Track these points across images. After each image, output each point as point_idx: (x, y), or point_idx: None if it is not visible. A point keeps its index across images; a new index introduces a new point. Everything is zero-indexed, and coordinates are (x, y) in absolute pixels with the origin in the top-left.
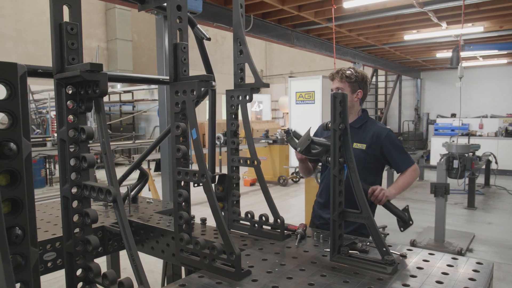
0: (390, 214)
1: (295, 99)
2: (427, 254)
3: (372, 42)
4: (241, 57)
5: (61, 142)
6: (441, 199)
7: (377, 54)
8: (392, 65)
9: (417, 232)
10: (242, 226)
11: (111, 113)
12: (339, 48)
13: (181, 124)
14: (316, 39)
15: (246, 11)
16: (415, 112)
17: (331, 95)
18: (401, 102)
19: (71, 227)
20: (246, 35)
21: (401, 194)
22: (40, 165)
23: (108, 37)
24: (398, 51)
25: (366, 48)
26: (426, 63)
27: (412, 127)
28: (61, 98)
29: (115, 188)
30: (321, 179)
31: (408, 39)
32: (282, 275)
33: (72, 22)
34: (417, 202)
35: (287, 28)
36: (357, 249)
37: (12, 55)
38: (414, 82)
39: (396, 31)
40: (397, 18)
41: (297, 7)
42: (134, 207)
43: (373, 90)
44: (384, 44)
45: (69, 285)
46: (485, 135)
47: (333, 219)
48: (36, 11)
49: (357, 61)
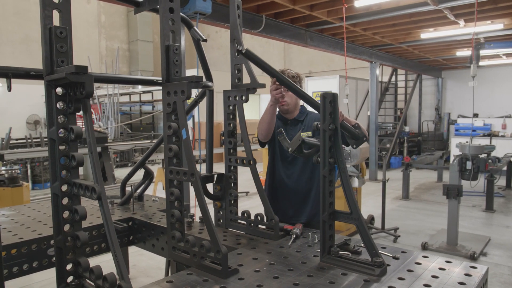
0: (403, 216)
1: None
2: (421, 257)
3: (388, 41)
4: (238, 57)
5: (51, 142)
6: (454, 201)
7: (394, 53)
8: (412, 64)
9: (430, 235)
10: (239, 225)
11: (132, 113)
12: (354, 47)
13: (172, 124)
14: (331, 39)
15: (257, 12)
16: (435, 112)
17: (321, 95)
18: (421, 101)
19: (60, 223)
20: (258, 35)
21: (418, 196)
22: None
23: (129, 39)
24: (416, 50)
25: (383, 47)
26: (447, 62)
27: (432, 127)
28: (51, 99)
29: (99, 186)
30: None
31: (425, 37)
32: (270, 274)
33: (61, 26)
34: (433, 204)
35: (300, 28)
36: (349, 250)
37: (38, 57)
38: (435, 81)
39: (412, 30)
40: (412, 16)
41: (309, 7)
42: (140, 205)
43: (392, 89)
44: (401, 43)
45: (59, 278)
46: (508, 136)
47: (323, 219)
48: None
49: (374, 60)
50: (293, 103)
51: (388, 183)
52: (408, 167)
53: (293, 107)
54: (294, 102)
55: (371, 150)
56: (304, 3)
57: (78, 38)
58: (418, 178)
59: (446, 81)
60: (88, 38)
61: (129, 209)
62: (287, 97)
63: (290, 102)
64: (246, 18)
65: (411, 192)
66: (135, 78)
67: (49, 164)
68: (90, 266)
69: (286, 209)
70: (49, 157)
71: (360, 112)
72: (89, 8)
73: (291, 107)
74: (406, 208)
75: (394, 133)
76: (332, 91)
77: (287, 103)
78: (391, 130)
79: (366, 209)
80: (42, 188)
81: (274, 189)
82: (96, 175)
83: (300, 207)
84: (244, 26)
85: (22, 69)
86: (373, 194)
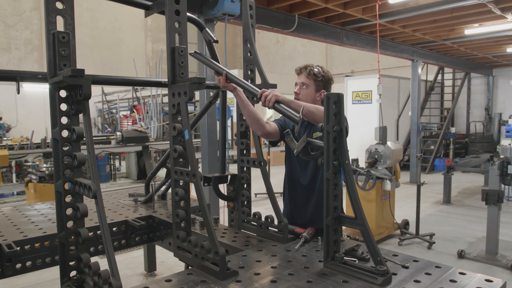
0: (441, 221)
1: (351, 98)
2: (434, 268)
3: (430, 38)
4: (250, 58)
5: (55, 142)
6: (494, 208)
7: (439, 50)
8: (458, 62)
9: (469, 242)
10: (251, 226)
11: None
12: (394, 45)
13: (177, 125)
14: (368, 37)
15: (290, 11)
16: (485, 112)
17: (324, 95)
18: (470, 101)
19: (64, 220)
20: (291, 35)
21: (460, 201)
22: (105, 162)
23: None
24: (462, 47)
25: (426, 44)
26: (498, 59)
27: (482, 129)
28: (55, 101)
29: (95, 185)
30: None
31: (469, 33)
32: (268, 278)
33: (64, 31)
34: (476, 210)
35: (335, 27)
36: (357, 256)
37: (88, 60)
38: (485, 79)
39: (455, 26)
40: (454, 12)
41: (342, 5)
42: (163, 203)
43: (438, 89)
44: (445, 39)
45: (62, 273)
46: None
47: (327, 224)
48: (110, 18)
49: (416, 58)
50: (308, 102)
51: (430, 186)
52: (449, 170)
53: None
54: (309, 100)
55: (412, 152)
56: (337, 1)
57: (125, 41)
58: (464, 181)
59: (497, 79)
60: (135, 41)
61: (151, 207)
62: (302, 94)
63: (303, 98)
64: (279, 18)
65: (453, 197)
66: (141, 79)
67: (53, 163)
68: (90, 263)
69: (304, 211)
70: (53, 156)
71: (402, 112)
72: (136, 12)
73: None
74: (446, 213)
75: (439, 134)
76: (372, 91)
77: (300, 98)
78: (436, 131)
79: (403, 213)
80: None
81: (291, 190)
82: (93, 174)
83: (318, 210)
84: (276, 26)
85: (29, 73)
86: (412, 197)
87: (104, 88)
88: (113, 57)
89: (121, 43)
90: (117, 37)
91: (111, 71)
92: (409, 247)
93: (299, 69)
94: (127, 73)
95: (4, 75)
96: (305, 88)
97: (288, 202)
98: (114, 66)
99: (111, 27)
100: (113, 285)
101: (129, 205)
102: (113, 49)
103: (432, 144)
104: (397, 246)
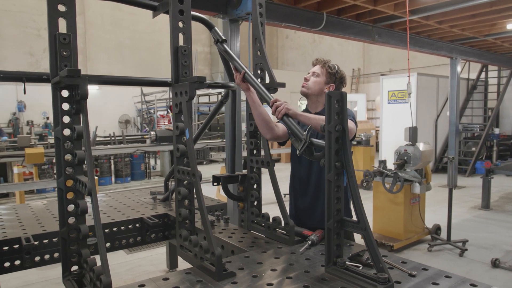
0: (477, 227)
1: (387, 98)
2: (443, 277)
3: (470, 34)
4: (259, 56)
5: (56, 140)
6: None
7: (480, 47)
8: (503, 59)
9: (506, 251)
10: (260, 227)
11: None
12: (431, 42)
13: (179, 124)
14: (402, 34)
15: (318, 9)
16: None
17: (326, 94)
18: None
19: (65, 216)
20: (319, 33)
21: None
22: (141, 160)
23: (211, 42)
24: (506, 43)
25: (465, 40)
26: None
27: None
28: (56, 100)
29: (91, 182)
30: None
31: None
32: (265, 281)
33: (65, 33)
34: None
35: (366, 24)
36: (361, 262)
37: (129, 62)
38: None
39: (496, 20)
40: (493, 5)
41: (372, 1)
42: None
43: (481, 87)
44: (486, 35)
45: (64, 267)
46: None
47: (328, 227)
48: (149, 21)
49: (455, 55)
50: (315, 89)
51: (469, 190)
52: (489, 173)
53: (314, 94)
54: (316, 89)
55: (450, 154)
56: None
57: (164, 43)
58: (507, 186)
59: None
60: None
61: (168, 205)
62: (311, 81)
63: (312, 87)
64: (306, 17)
65: (493, 202)
66: (146, 79)
67: (55, 161)
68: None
69: (312, 213)
70: (55, 154)
71: (441, 112)
72: None
73: (311, 92)
74: (483, 219)
75: (482, 136)
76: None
77: (308, 86)
78: (479, 132)
79: (436, 218)
80: (123, 182)
81: (298, 191)
82: (89, 172)
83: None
84: (303, 24)
85: (35, 74)
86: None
87: (143, 89)
88: (153, 59)
89: (160, 45)
90: (156, 39)
91: (151, 73)
92: (439, 254)
93: (315, 60)
94: (166, 74)
95: (11, 76)
96: (316, 76)
97: (294, 203)
98: (154, 68)
99: (151, 30)
100: (103, 281)
101: (148, 203)
102: (153, 51)
103: (474, 146)
104: (426, 252)
